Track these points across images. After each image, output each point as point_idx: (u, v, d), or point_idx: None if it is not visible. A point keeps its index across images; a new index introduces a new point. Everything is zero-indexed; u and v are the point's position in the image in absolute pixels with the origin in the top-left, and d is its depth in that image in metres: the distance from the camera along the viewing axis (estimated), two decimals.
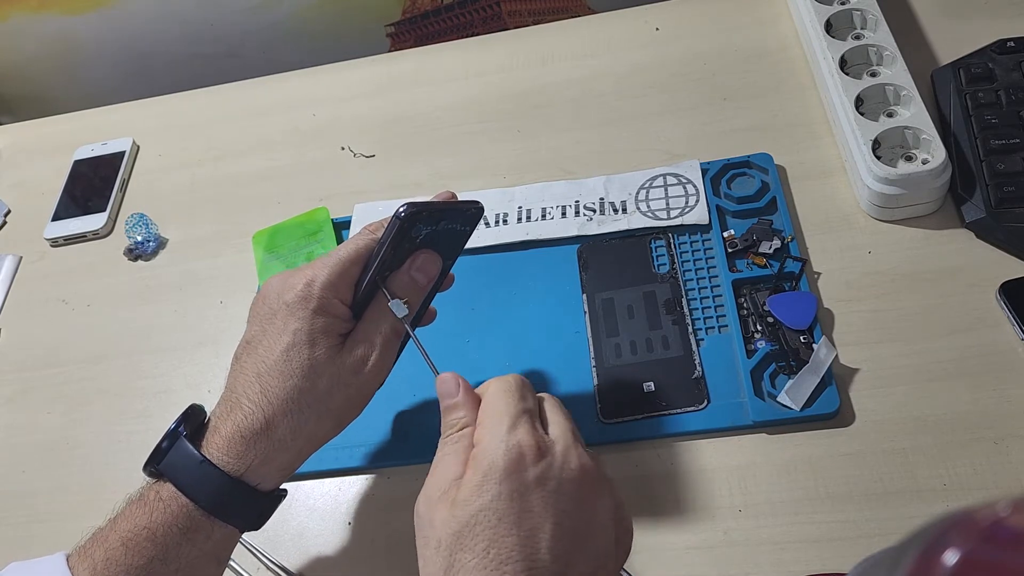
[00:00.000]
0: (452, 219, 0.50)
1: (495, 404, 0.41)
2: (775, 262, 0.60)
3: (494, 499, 0.37)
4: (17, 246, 0.82)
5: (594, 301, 0.62)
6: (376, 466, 0.58)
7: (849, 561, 0.41)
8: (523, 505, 0.37)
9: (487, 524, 0.36)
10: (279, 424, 0.45)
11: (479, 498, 0.37)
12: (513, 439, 0.39)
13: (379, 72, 0.86)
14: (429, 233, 0.49)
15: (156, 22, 0.96)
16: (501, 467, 0.38)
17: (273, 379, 0.46)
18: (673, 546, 0.51)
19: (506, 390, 0.42)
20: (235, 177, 0.81)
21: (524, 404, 0.41)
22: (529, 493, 0.37)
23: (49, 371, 0.71)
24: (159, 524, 0.44)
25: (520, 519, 0.37)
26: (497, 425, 0.40)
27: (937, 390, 0.53)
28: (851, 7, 0.68)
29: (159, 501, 0.45)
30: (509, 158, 0.74)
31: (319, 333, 0.46)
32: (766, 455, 0.53)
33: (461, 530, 0.37)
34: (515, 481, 0.37)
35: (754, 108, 0.71)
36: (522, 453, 0.38)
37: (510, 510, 0.37)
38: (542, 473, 0.38)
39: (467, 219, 0.51)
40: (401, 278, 0.49)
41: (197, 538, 0.44)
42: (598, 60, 0.79)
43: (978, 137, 0.61)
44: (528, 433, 0.39)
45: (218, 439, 0.45)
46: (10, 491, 0.65)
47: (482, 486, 0.37)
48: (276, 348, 0.46)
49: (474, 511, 0.37)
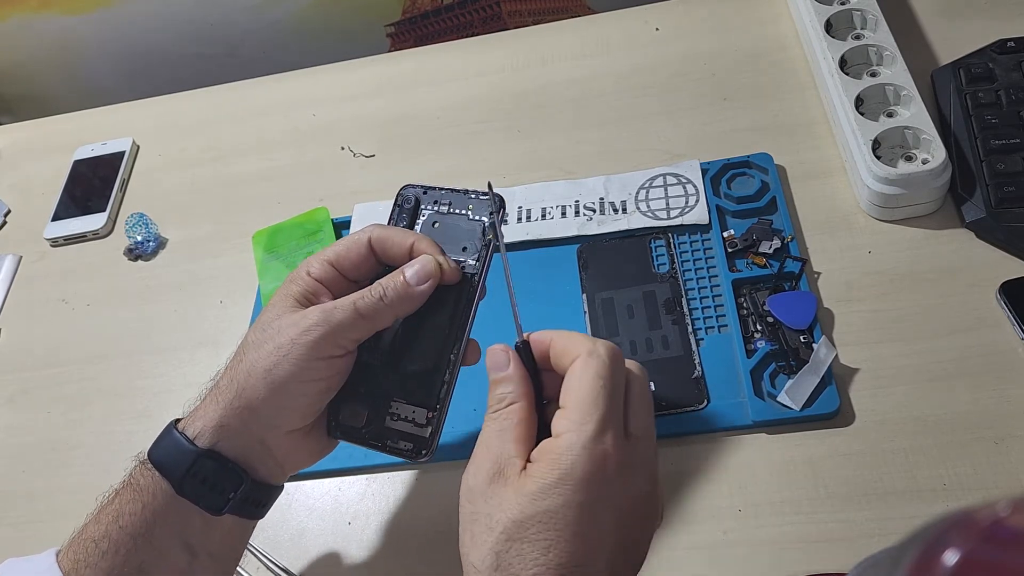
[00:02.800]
0: (459, 205, 0.49)
1: (586, 391, 0.38)
2: (775, 262, 0.60)
3: (566, 505, 0.36)
4: (17, 246, 0.82)
5: (594, 301, 0.62)
6: (376, 466, 0.58)
7: (849, 561, 0.41)
8: (594, 517, 0.36)
9: (553, 526, 0.36)
10: (222, 376, 0.46)
11: (551, 499, 0.36)
12: (599, 448, 0.37)
13: (379, 72, 0.86)
14: (432, 215, 0.49)
15: (156, 22, 0.96)
16: (579, 475, 0.36)
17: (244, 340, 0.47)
18: (673, 546, 0.51)
19: (600, 375, 0.39)
20: (235, 177, 0.81)
21: (615, 402, 0.39)
22: (603, 507, 0.36)
23: (49, 371, 0.71)
24: (123, 486, 0.46)
25: (588, 531, 0.36)
26: (584, 423, 0.37)
27: (937, 390, 0.53)
28: (851, 7, 0.68)
29: (132, 467, 0.47)
30: (509, 158, 0.74)
31: (283, 296, 0.47)
32: (766, 455, 0.53)
33: (525, 521, 0.36)
34: (592, 492, 0.36)
35: (754, 108, 0.71)
36: (605, 464, 0.37)
37: (580, 519, 0.36)
38: (619, 489, 0.37)
39: (480, 208, 0.49)
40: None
41: (144, 496, 0.45)
42: (598, 60, 0.79)
43: (978, 137, 0.60)
44: (615, 443, 0.37)
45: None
46: (10, 491, 0.65)
47: (556, 487, 0.36)
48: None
49: (543, 509, 0.36)
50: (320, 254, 0.48)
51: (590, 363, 0.39)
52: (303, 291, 0.46)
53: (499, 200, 0.48)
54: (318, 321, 0.44)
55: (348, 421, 0.49)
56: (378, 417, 0.48)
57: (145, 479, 0.45)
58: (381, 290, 0.46)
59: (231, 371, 0.46)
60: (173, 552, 0.45)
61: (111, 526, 0.44)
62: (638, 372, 0.41)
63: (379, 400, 0.48)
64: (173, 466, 0.45)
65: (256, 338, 0.46)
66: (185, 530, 0.45)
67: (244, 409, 0.45)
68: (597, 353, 0.39)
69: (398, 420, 0.48)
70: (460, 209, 0.50)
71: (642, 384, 0.41)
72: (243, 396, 0.45)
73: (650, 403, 0.41)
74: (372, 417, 0.49)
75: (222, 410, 0.45)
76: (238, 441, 0.45)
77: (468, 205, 0.49)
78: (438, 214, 0.50)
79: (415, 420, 0.48)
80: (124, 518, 0.44)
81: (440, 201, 0.50)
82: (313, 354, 0.44)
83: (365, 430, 0.49)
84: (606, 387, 0.38)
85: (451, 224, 0.50)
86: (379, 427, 0.48)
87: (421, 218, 0.50)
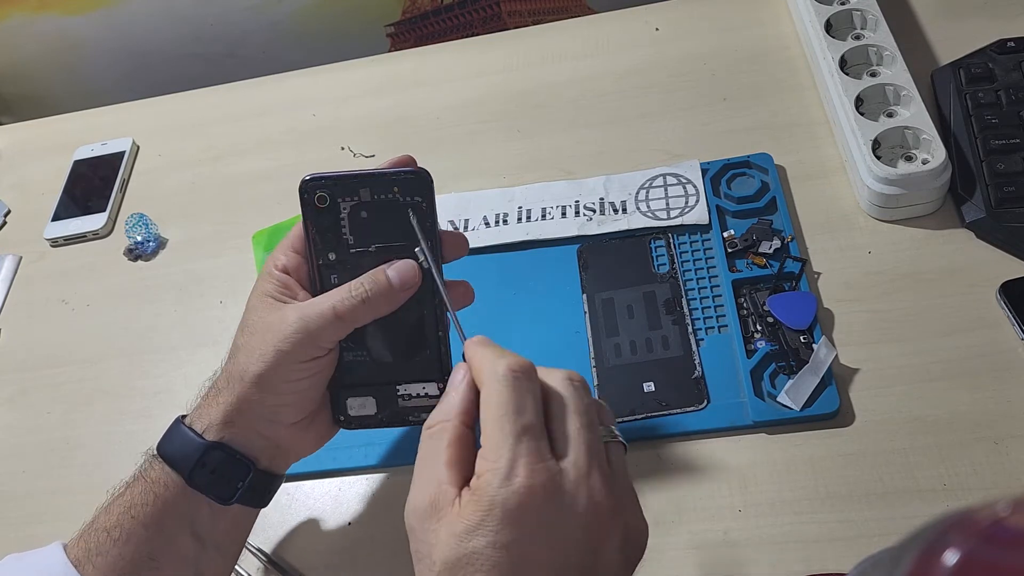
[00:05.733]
0: (381, 189, 0.46)
1: (491, 424, 0.36)
2: (775, 262, 0.60)
3: (491, 546, 0.34)
4: (17, 246, 0.82)
5: (594, 301, 0.62)
6: (376, 466, 0.58)
7: (849, 561, 0.41)
8: (523, 553, 0.34)
9: (481, 567, 0.34)
10: (220, 378, 0.48)
11: (476, 539, 0.34)
12: (515, 483, 0.35)
13: (379, 72, 0.86)
14: (357, 206, 0.46)
15: (156, 22, 0.96)
16: (500, 515, 0.34)
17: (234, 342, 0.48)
18: (673, 546, 0.51)
19: (501, 403, 0.36)
20: (235, 177, 0.81)
21: (524, 427, 0.36)
22: (530, 541, 0.35)
23: (49, 371, 0.71)
24: (134, 478, 0.48)
25: (518, 568, 0.34)
26: (497, 460, 0.35)
27: (937, 390, 0.53)
28: (851, 7, 0.68)
29: (143, 461, 0.49)
30: (509, 158, 0.74)
31: (259, 296, 0.48)
32: (766, 455, 0.53)
33: (456, 562, 0.35)
34: (515, 531, 0.34)
35: (754, 108, 0.71)
36: (526, 498, 0.34)
37: (507, 559, 0.34)
38: (547, 519, 0.35)
39: (407, 188, 0.46)
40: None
41: (156, 488, 0.46)
42: (598, 60, 0.79)
43: (978, 137, 0.61)
44: (529, 470, 0.35)
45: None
46: (10, 491, 0.65)
47: (479, 528, 0.34)
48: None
49: (470, 551, 0.34)
50: (284, 242, 0.49)
51: (492, 391, 0.37)
52: (276, 287, 0.47)
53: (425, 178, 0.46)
54: (296, 328, 0.45)
55: (359, 413, 0.50)
56: (389, 402, 0.49)
57: (156, 472, 0.47)
58: (364, 292, 0.46)
59: (227, 373, 0.48)
60: (182, 541, 0.47)
61: (123, 516, 0.46)
62: (560, 387, 0.38)
63: (383, 388, 0.49)
64: (183, 458, 0.47)
65: (243, 341, 0.47)
66: (195, 520, 0.47)
67: (243, 409, 0.47)
68: (497, 377, 0.37)
69: (411, 399, 0.49)
70: (385, 193, 0.46)
71: (563, 400, 0.38)
72: (240, 398, 0.47)
73: (584, 417, 0.38)
74: (383, 403, 0.49)
75: (224, 408, 0.47)
76: (243, 435, 0.47)
77: (393, 188, 0.46)
78: (362, 203, 0.47)
79: (428, 393, 0.49)
80: (136, 508, 0.46)
81: (359, 190, 0.46)
82: (294, 358, 0.46)
83: (380, 415, 0.50)
84: (509, 416, 0.36)
85: (383, 210, 0.47)
86: (394, 410, 0.50)
87: (343, 213, 0.47)
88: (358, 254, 0.47)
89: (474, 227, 0.68)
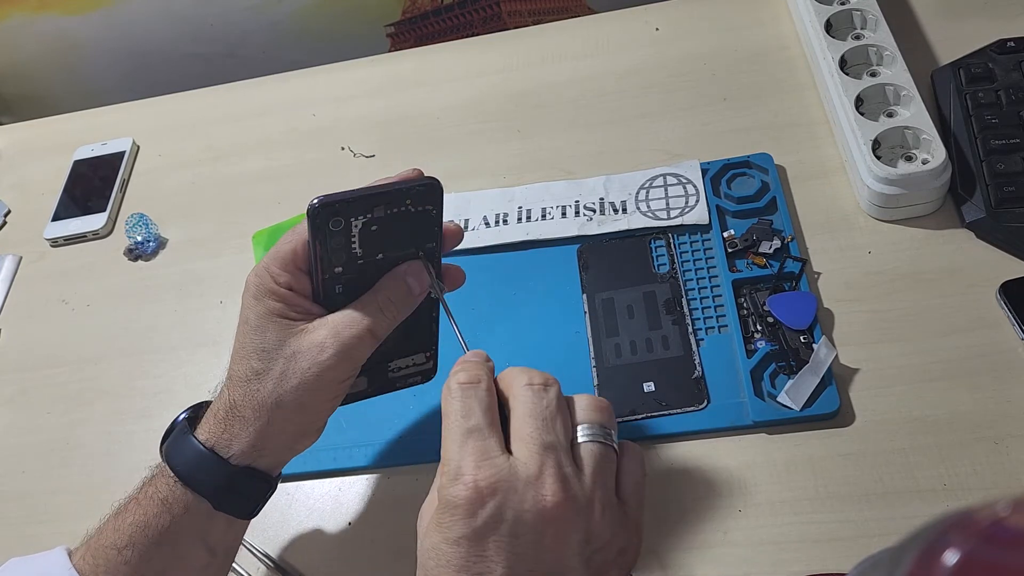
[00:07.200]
0: (394, 204, 0.45)
1: (446, 428, 0.39)
2: (775, 262, 0.60)
3: (442, 542, 0.37)
4: (17, 246, 0.82)
5: (594, 301, 0.62)
6: (376, 466, 0.58)
7: (849, 561, 0.41)
8: (471, 551, 0.36)
9: (434, 567, 0.37)
10: (241, 404, 0.46)
11: (433, 536, 0.37)
12: (462, 479, 0.37)
13: (379, 72, 0.86)
14: (368, 222, 0.45)
15: (156, 22, 0.96)
16: (448, 511, 0.37)
17: (237, 362, 0.47)
18: (673, 546, 0.51)
19: (450, 412, 0.40)
20: (235, 177, 0.81)
21: (468, 423, 0.39)
22: (479, 538, 0.36)
23: (49, 371, 0.71)
24: (146, 496, 0.46)
25: (467, 565, 0.36)
26: (447, 460, 0.38)
27: (937, 390, 0.53)
28: (851, 7, 0.68)
29: (151, 476, 0.48)
30: (509, 158, 0.74)
31: (266, 316, 0.46)
32: (766, 455, 0.53)
33: (424, 562, 0.38)
34: (464, 526, 0.36)
35: (754, 108, 0.71)
36: (469, 495, 0.36)
37: (456, 556, 0.36)
38: (494, 515, 0.36)
39: (419, 199, 0.46)
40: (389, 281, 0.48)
41: (175, 509, 0.45)
42: (598, 60, 0.79)
43: (978, 137, 0.61)
44: (474, 467, 0.37)
45: (206, 418, 0.47)
46: (10, 491, 0.65)
47: (437, 524, 0.37)
48: (239, 332, 0.47)
49: (427, 548, 0.37)
50: (276, 259, 0.47)
51: (445, 405, 0.41)
52: (284, 307, 0.46)
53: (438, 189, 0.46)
54: (336, 351, 0.45)
55: (352, 391, 0.51)
56: (379, 376, 0.52)
57: (175, 495, 0.46)
58: (393, 307, 0.47)
59: (252, 399, 0.45)
60: (195, 554, 0.46)
61: (136, 535, 0.45)
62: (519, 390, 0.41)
63: (373, 368, 0.51)
64: (211, 486, 0.46)
65: (265, 367, 0.45)
66: (210, 535, 0.47)
67: (273, 434, 0.46)
68: (449, 391, 0.41)
69: (400, 370, 0.53)
70: (398, 207, 0.45)
71: (520, 402, 0.40)
72: (273, 423, 0.46)
73: (538, 419, 0.39)
74: (373, 379, 0.52)
75: (253, 436, 0.46)
76: (271, 458, 0.47)
77: (406, 200, 0.45)
78: (375, 219, 0.45)
79: (415, 363, 0.53)
80: (151, 529, 0.45)
81: (373, 208, 0.45)
82: (335, 380, 0.46)
83: (371, 389, 0.52)
84: (457, 422, 0.39)
85: (393, 222, 0.46)
86: (383, 380, 0.53)
87: (355, 231, 0.45)
88: (364, 264, 0.47)
89: (474, 227, 0.68)
